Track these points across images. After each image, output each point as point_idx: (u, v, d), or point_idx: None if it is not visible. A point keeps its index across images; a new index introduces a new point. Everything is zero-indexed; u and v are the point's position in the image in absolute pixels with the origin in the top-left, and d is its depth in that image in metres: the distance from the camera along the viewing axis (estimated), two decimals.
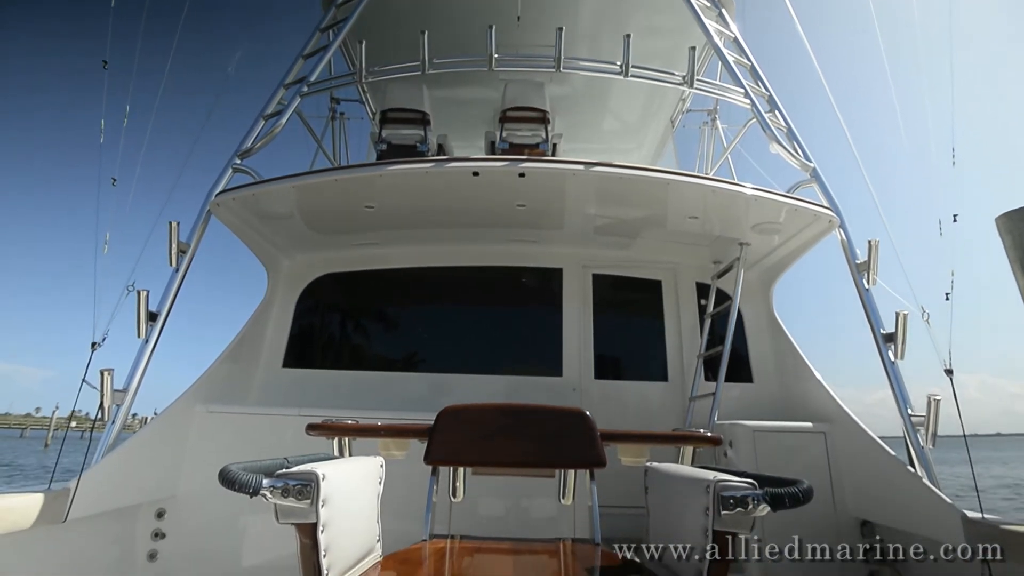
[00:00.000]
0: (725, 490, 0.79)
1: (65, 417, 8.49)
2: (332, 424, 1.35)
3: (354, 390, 4.07)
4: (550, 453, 1.31)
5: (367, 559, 1.00)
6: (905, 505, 2.61)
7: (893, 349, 3.02)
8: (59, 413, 10.30)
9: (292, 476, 0.78)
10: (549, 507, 3.12)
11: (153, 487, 2.89)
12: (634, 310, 4.64)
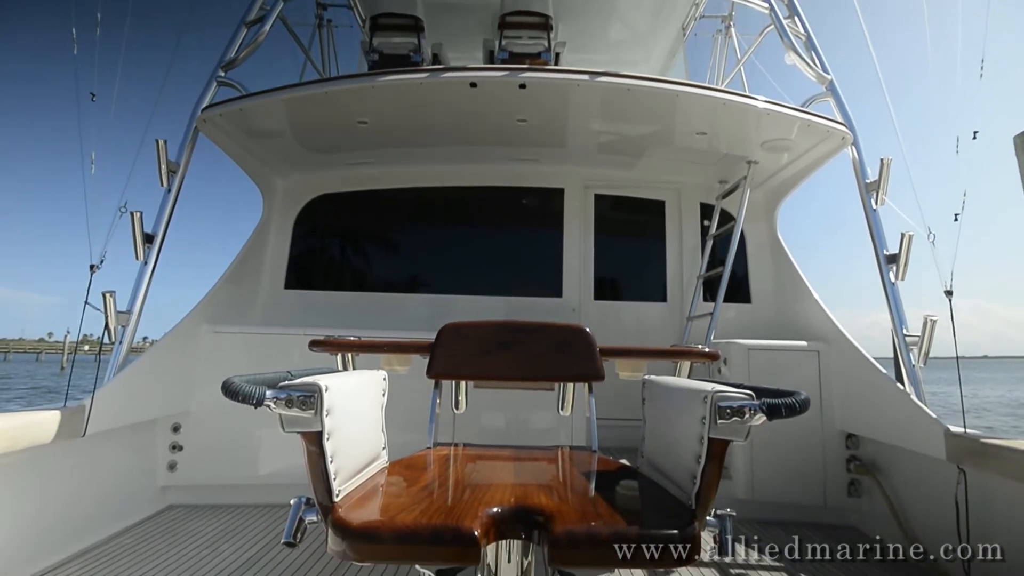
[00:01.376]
0: (723, 400, 0.80)
1: (77, 341, 8.75)
2: (335, 340, 1.36)
3: (356, 311, 4.13)
4: (549, 367, 1.33)
5: (373, 465, 1.03)
6: (891, 420, 2.72)
7: (895, 270, 3.01)
8: (71, 337, 10.62)
9: (295, 387, 0.79)
10: (548, 419, 3.26)
11: (166, 403, 3.00)
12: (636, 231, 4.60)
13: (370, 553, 0.75)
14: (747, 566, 2.42)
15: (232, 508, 2.99)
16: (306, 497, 0.89)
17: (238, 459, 3.09)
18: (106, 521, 2.58)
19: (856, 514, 2.99)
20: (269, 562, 2.32)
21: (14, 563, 2.07)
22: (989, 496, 2.22)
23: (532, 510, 0.83)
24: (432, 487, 0.96)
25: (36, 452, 2.14)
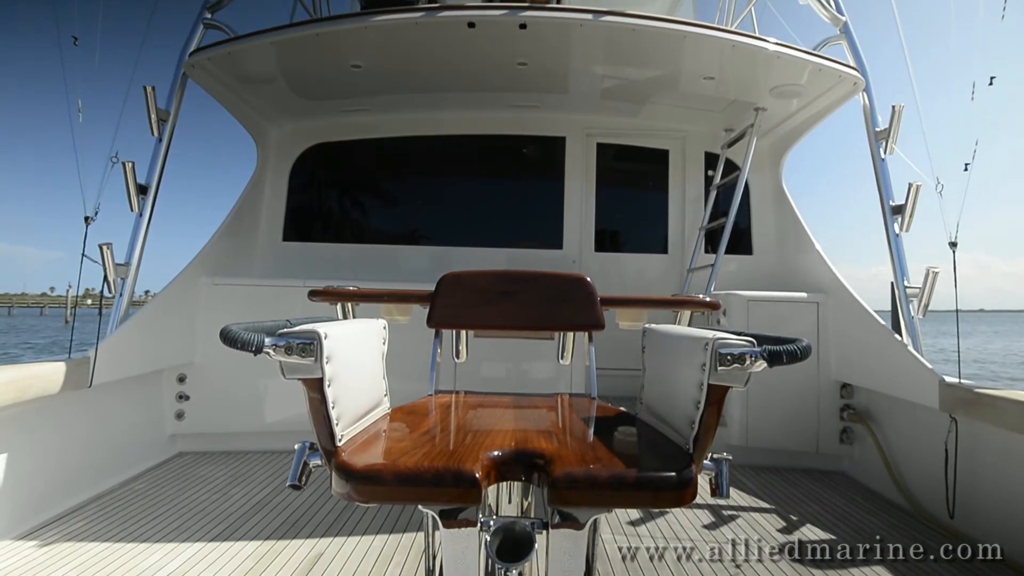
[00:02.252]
0: (724, 347, 0.79)
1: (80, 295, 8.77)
2: (334, 290, 1.36)
3: (356, 263, 4.12)
4: (550, 316, 1.33)
5: (375, 411, 1.04)
6: (887, 370, 2.75)
7: (900, 221, 2.97)
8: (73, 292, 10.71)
9: (294, 335, 0.78)
10: (548, 369, 3.31)
11: (170, 355, 3.03)
12: (638, 181, 4.52)
13: (373, 494, 0.77)
14: (739, 508, 2.51)
15: (240, 454, 3.08)
16: (310, 442, 0.90)
17: (244, 407, 3.16)
18: (118, 468, 2.66)
19: (847, 460, 3.08)
20: (277, 505, 2.40)
21: (34, 506, 2.14)
22: (978, 444, 2.27)
23: (532, 453, 0.84)
24: (434, 432, 0.98)
25: (45, 402, 2.18)
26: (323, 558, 1.94)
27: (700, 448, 0.85)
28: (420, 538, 2.08)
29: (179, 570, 1.83)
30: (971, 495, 2.26)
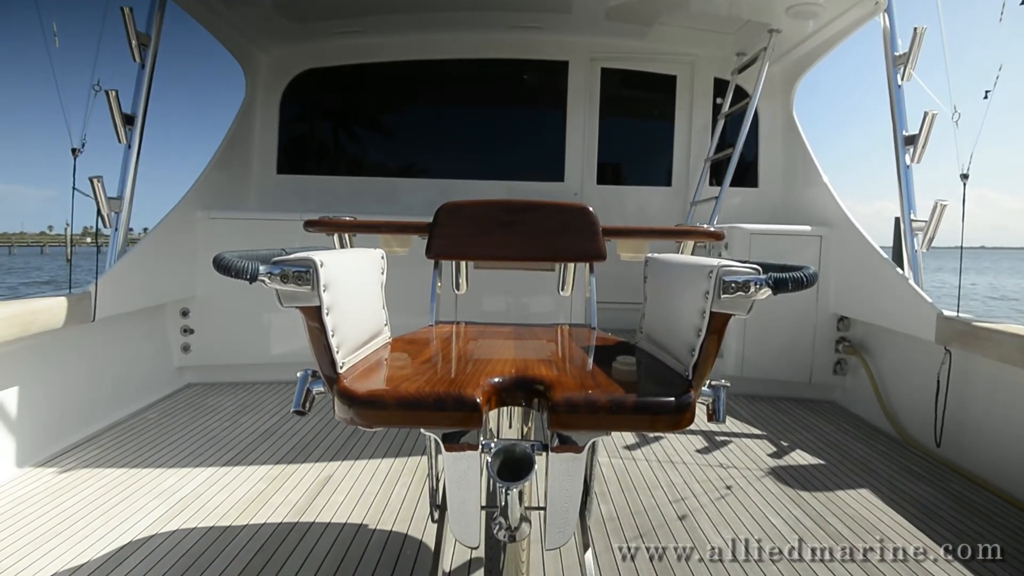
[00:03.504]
0: (728, 274, 0.77)
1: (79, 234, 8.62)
2: (331, 220, 1.33)
3: (353, 196, 4.05)
4: (551, 247, 1.31)
5: (376, 340, 1.05)
6: (886, 303, 2.76)
7: (911, 152, 2.88)
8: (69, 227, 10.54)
9: (289, 262, 0.76)
10: (548, 301, 3.33)
11: (171, 289, 3.04)
12: (643, 110, 4.35)
13: (375, 418, 0.78)
14: (731, 434, 2.60)
15: (248, 385, 3.16)
16: (312, 370, 0.90)
17: (249, 340, 3.20)
18: (129, 399, 2.73)
19: (839, 390, 3.16)
20: (286, 432, 2.49)
21: (50, 436, 2.22)
22: (970, 375, 2.32)
23: (532, 380, 0.85)
24: (435, 360, 0.98)
25: (50, 337, 2.20)
26: (332, 480, 2.04)
27: (699, 375, 0.85)
28: (424, 461, 2.16)
29: (194, 492, 1.91)
30: (958, 425, 2.33)
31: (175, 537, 1.64)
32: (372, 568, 1.51)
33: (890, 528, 1.79)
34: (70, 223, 2.63)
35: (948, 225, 2.80)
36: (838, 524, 1.80)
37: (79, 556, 1.53)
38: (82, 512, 1.76)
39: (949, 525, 1.82)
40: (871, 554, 1.64)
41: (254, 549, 1.59)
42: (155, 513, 1.77)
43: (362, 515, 1.80)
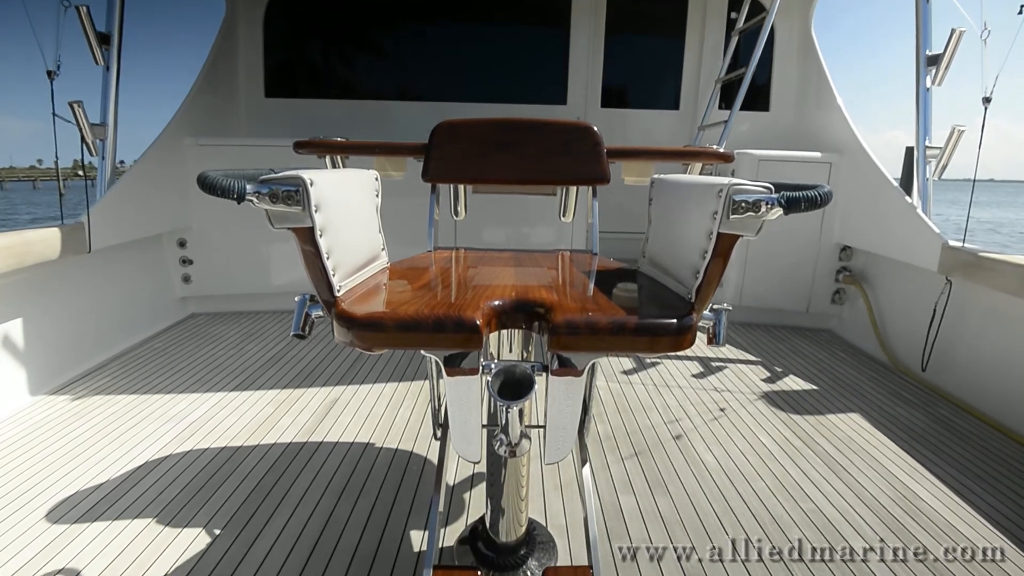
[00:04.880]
0: (739, 194, 0.74)
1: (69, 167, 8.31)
2: (322, 141, 1.27)
3: (346, 120, 3.90)
4: (552, 168, 1.26)
5: (373, 265, 1.03)
6: (892, 232, 2.73)
7: (933, 73, 2.74)
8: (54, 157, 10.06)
9: (277, 181, 0.73)
10: (549, 232, 3.30)
11: (166, 219, 3.00)
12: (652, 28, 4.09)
13: (374, 340, 0.78)
14: (727, 360, 2.65)
15: (251, 314, 3.19)
16: (310, 295, 0.89)
17: (250, 270, 3.20)
18: (134, 330, 2.76)
19: (835, 319, 3.20)
20: (291, 359, 2.54)
21: (59, 365, 2.26)
22: (967, 305, 2.33)
23: (533, 302, 0.84)
24: (434, 284, 0.97)
25: (48, 269, 2.19)
26: (338, 403, 2.10)
27: (702, 298, 0.84)
28: (427, 385, 2.22)
29: (204, 416, 1.98)
30: (947, 352, 2.37)
31: (188, 458, 1.71)
32: (379, 483, 1.59)
33: (876, 449, 1.86)
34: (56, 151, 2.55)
35: (958, 157, 2.74)
36: (826, 444, 1.87)
37: (97, 476, 1.59)
38: (97, 436, 1.82)
39: (932, 446, 1.89)
40: (857, 472, 1.72)
41: (266, 467, 1.66)
42: (167, 436, 1.83)
43: (368, 435, 1.87)
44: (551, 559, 1.28)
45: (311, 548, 1.32)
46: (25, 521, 1.39)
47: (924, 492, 1.61)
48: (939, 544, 1.39)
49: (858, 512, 1.51)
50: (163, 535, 1.35)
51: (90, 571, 1.23)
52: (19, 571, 1.22)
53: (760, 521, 1.46)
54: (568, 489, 1.56)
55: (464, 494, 1.55)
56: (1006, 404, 2.06)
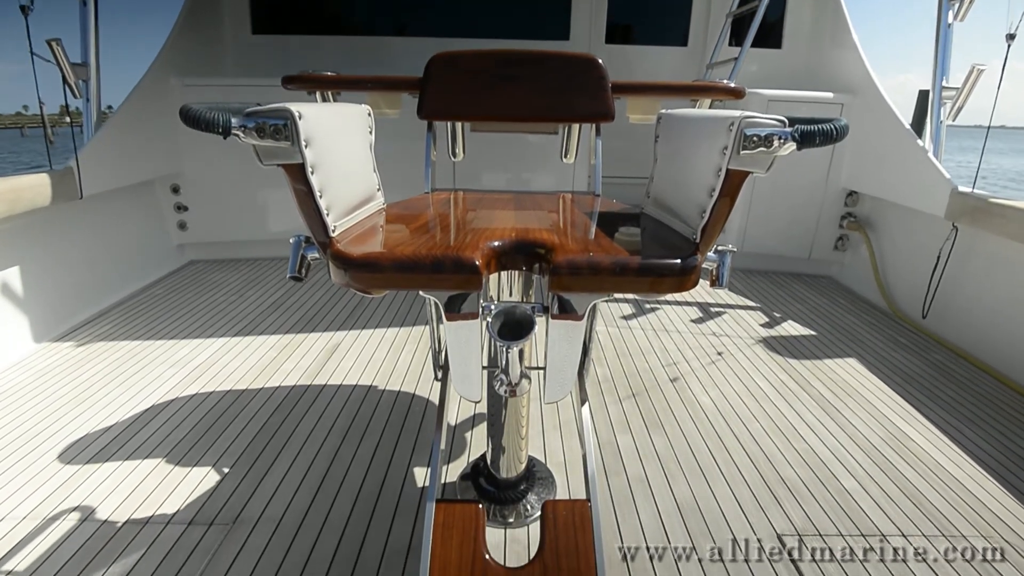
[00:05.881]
0: (751, 127, 0.71)
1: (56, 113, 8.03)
2: (312, 75, 1.21)
3: (338, 57, 3.73)
4: (555, 104, 1.21)
5: (369, 205, 1.00)
6: (901, 177, 2.67)
7: (955, 9, 2.60)
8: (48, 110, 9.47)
9: (264, 114, 0.69)
10: (550, 177, 3.23)
11: (158, 164, 2.92)
12: None
13: (371, 281, 0.76)
14: (726, 305, 2.66)
15: (250, 261, 3.18)
16: (304, 236, 0.87)
17: (247, 216, 3.16)
18: (133, 277, 2.75)
19: (837, 266, 3.18)
20: (292, 304, 2.54)
21: (61, 313, 2.26)
22: (972, 251, 2.31)
23: (534, 243, 0.82)
24: (432, 225, 0.95)
25: (40, 216, 2.16)
26: (340, 347, 2.12)
27: (707, 238, 0.82)
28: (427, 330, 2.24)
29: (208, 361, 2.00)
30: (948, 298, 2.37)
31: (194, 401, 1.74)
32: (383, 424, 1.62)
33: (870, 392, 1.89)
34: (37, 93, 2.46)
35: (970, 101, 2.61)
36: (822, 388, 1.90)
37: (106, 419, 1.63)
38: (103, 381, 1.85)
39: (926, 390, 1.92)
40: (850, 414, 1.75)
41: (271, 409, 1.70)
42: (172, 380, 1.86)
43: (371, 378, 1.89)
44: (550, 493, 1.33)
45: (318, 485, 1.36)
46: (39, 462, 1.43)
47: (915, 433, 1.65)
48: (925, 481, 1.43)
49: (849, 452, 1.55)
50: (174, 474, 1.39)
51: (105, 508, 1.28)
52: (36, 508, 1.27)
53: (753, 459, 1.50)
54: (567, 428, 1.60)
55: (465, 433, 1.59)
56: (1002, 350, 2.08)
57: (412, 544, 1.18)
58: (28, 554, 1.14)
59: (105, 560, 1.13)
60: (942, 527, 1.27)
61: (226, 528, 1.21)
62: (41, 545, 1.16)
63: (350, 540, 1.19)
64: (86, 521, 1.23)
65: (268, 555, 1.15)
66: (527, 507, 1.26)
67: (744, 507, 1.31)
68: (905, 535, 1.24)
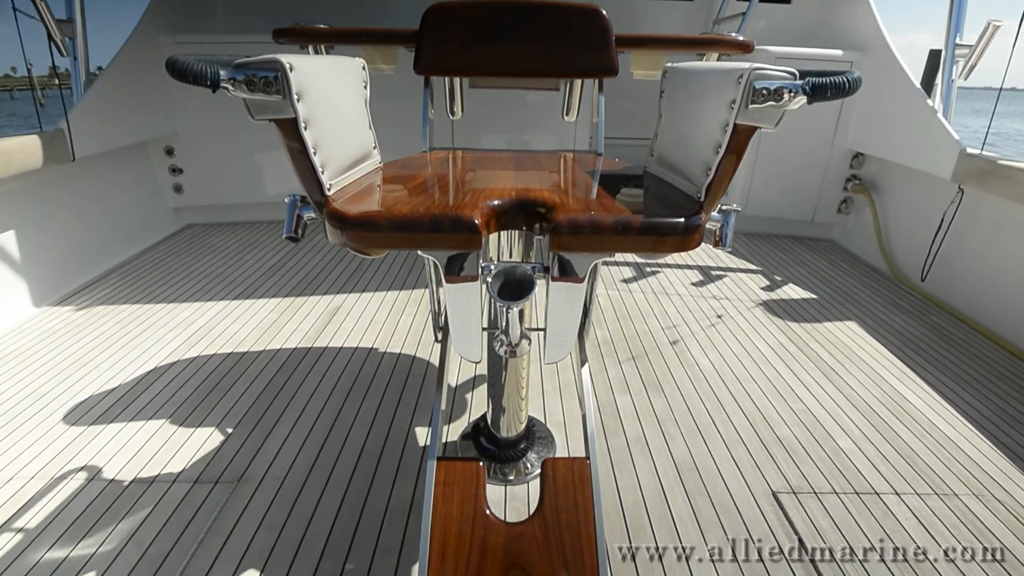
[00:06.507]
0: (760, 79, 0.68)
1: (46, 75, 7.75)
2: (303, 28, 1.16)
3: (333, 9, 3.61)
4: (557, 58, 1.17)
5: (365, 164, 0.98)
6: (908, 139, 2.61)
7: None
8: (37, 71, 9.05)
9: (254, 66, 0.66)
10: (551, 135, 3.17)
11: (151, 125, 2.86)
12: None
13: (368, 241, 0.75)
14: (727, 269, 2.65)
15: (247, 224, 3.15)
16: (300, 195, 0.85)
17: (243, 179, 3.11)
18: (130, 241, 2.73)
19: (839, 229, 3.16)
20: (292, 268, 2.53)
21: (60, 277, 2.25)
22: (977, 214, 2.28)
23: (534, 202, 0.81)
24: (430, 184, 0.93)
25: (33, 178, 2.12)
26: (340, 310, 2.12)
27: (712, 196, 0.80)
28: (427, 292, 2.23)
29: (209, 324, 2.00)
30: (949, 262, 2.36)
31: (197, 363, 1.75)
32: (384, 385, 1.64)
33: (868, 354, 1.90)
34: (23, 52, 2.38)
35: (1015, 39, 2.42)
36: (820, 350, 1.91)
37: (109, 381, 1.64)
38: (105, 344, 1.86)
39: (924, 352, 1.93)
40: (847, 376, 1.76)
41: (273, 371, 1.71)
42: (174, 343, 1.86)
43: (372, 340, 1.90)
44: (550, 452, 1.35)
45: (321, 444, 1.38)
46: (46, 423, 1.45)
47: (911, 395, 1.67)
48: (919, 441, 1.45)
49: (846, 412, 1.57)
50: (178, 434, 1.41)
51: (111, 467, 1.30)
52: (44, 468, 1.29)
53: (750, 419, 1.52)
54: (567, 391, 1.62)
55: (466, 394, 1.60)
56: (1000, 314, 2.08)
57: (414, 501, 1.21)
58: (39, 511, 1.17)
59: (114, 516, 1.16)
60: (934, 485, 1.30)
61: (231, 486, 1.24)
62: (51, 503, 1.19)
63: (353, 497, 1.22)
64: (93, 480, 1.25)
65: (273, 511, 1.18)
66: (527, 465, 1.28)
67: (740, 465, 1.33)
68: (898, 492, 1.26)
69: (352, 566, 1.06)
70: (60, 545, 1.09)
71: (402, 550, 1.09)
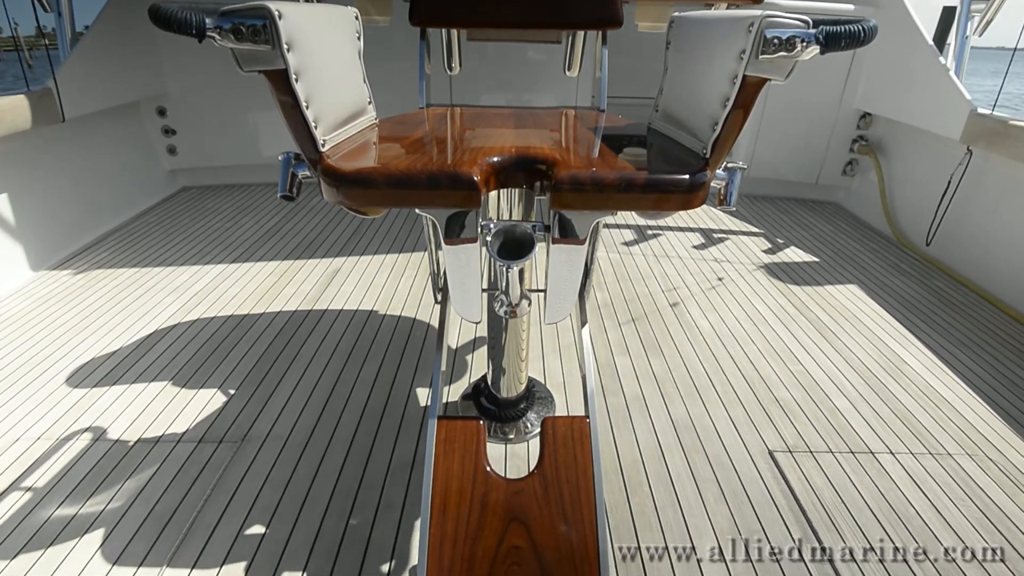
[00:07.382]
0: (772, 28, 0.65)
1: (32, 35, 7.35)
2: None
3: None
4: (557, 8, 1.12)
5: (360, 120, 0.95)
6: (918, 97, 2.54)
7: None
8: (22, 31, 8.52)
9: (241, 13, 0.63)
10: (552, 93, 3.08)
11: (139, 85, 2.78)
12: None
13: (364, 198, 0.73)
14: (729, 232, 2.63)
15: (244, 187, 3.10)
16: (294, 152, 0.83)
17: (238, 140, 3.05)
18: (126, 204, 2.69)
19: (843, 191, 3.11)
20: (290, 231, 2.51)
21: (56, 241, 2.23)
22: (985, 176, 2.24)
23: (535, 159, 0.78)
24: (427, 140, 0.90)
25: (23, 140, 2.07)
26: (340, 272, 2.11)
27: (718, 152, 0.78)
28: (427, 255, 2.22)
29: (208, 287, 1.99)
30: (954, 225, 2.33)
31: (197, 325, 1.75)
32: (384, 346, 1.64)
33: (868, 317, 1.90)
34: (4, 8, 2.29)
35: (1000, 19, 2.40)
36: (820, 313, 1.91)
37: (110, 344, 1.64)
38: (105, 307, 1.85)
39: (924, 315, 1.93)
40: (846, 338, 1.77)
41: (274, 333, 1.71)
42: (174, 306, 1.86)
43: (372, 302, 1.90)
44: (550, 412, 1.36)
45: (323, 405, 1.39)
46: (49, 385, 1.46)
47: (909, 357, 1.68)
48: (916, 402, 1.47)
49: (843, 374, 1.58)
50: (181, 395, 1.43)
51: (115, 428, 1.31)
52: (49, 429, 1.31)
53: (748, 380, 1.53)
54: (567, 353, 1.62)
55: (466, 356, 1.61)
56: (1003, 277, 2.07)
57: (416, 458, 1.23)
58: (45, 471, 1.19)
59: (120, 475, 1.18)
60: (929, 445, 1.31)
61: (235, 445, 1.25)
62: (57, 463, 1.20)
63: (356, 455, 1.24)
64: (98, 440, 1.27)
65: (278, 469, 1.20)
66: (527, 424, 1.29)
67: (737, 425, 1.35)
68: (893, 452, 1.28)
69: (356, 521, 1.08)
70: (69, 503, 1.11)
71: (404, 505, 1.11)
